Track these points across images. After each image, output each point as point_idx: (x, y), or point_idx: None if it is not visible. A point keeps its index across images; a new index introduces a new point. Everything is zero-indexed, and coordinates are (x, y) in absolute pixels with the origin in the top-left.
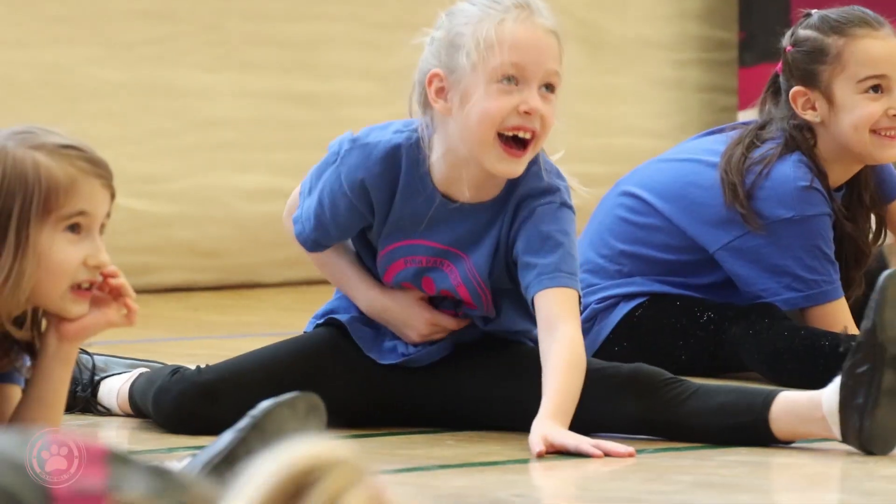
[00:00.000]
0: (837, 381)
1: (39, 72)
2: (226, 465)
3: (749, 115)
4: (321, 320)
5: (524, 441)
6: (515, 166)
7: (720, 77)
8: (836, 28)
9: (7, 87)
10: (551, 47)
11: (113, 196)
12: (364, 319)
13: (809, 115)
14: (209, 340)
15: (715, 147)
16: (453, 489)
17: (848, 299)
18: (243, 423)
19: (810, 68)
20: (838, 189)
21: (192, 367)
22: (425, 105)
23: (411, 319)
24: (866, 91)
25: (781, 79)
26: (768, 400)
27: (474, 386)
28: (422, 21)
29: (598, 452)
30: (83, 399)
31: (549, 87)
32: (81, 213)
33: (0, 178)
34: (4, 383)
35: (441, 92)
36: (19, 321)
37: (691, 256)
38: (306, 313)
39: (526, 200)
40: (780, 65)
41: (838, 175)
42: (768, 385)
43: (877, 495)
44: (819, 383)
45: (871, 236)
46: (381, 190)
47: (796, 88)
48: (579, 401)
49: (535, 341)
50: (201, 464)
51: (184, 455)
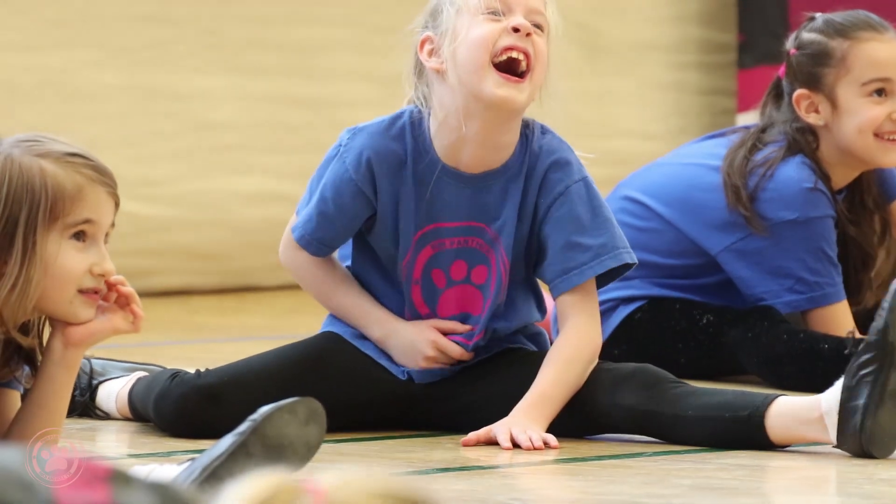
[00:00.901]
0: (839, 382)
1: (39, 75)
2: (225, 469)
3: (748, 117)
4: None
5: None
6: (516, 92)
7: (719, 79)
8: (841, 31)
9: (7, 91)
10: None
11: (117, 204)
12: None
13: (813, 119)
14: (208, 344)
15: (716, 151)
16: (452, 493)
17: (858, 303)
18: (243, 427)
19: (814, 71)
20: (840, 192)
21: (192, 370)
22: (420, 74)
23: (417, 343)
24: (870, 94)
25: (784, 82)
26: (767, 400)
27: (477, 392)
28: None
29: (507, 445)
30: (82, 403)
31: (537, 27)
32: (87, 222)
33: (6, 187)
34: (4, 388)
35: (433, 52)
36: (25, 329)
37: (692, 260)
38: (306, 316)
39: (550, 173)
40: (782, 68)
41: (840, 178)
42: (767, 388)
43: (877, 499)
44: (818, 387)
45: (875, 238)
46: (387, 166)
47: (800, 91)
48: (582, 394)
49: (532, 339)
50: (200, 467)
51: (183, 459)
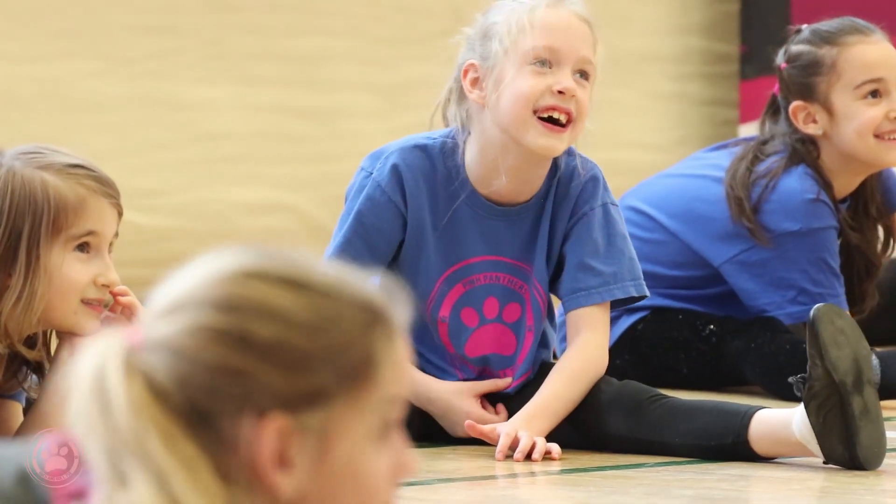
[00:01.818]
0: (802, 411)
1: (41, 86)
2: None
3: (751, 128)
4: None
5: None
6: (557, 142)
7: (721, 90)
8: (828, 39)
9: (8, 101)
10: (584, 33)
11: (121, 214)
12: None
13: (811, 129)
14: None
15: (720, 162)
16: (454, 503)
17: (861, 311)
18: None
19: (807, 82)
20: (843, 200)
21: None
22: (460, 100)
23: (452, 415)
24: (865, 97)
25: (780, 98)
26: (745, 421)
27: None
28: (423, 36)
29: (504, 450)
30: None
31: (583, 75)
32: (90, 234)
33: (9, 200)
34: (8, 399)
35: (476, 82)
36: (31, 342)
37: (696, 272)
38: None
39: (575, 195)
40: (776, 85)
41: (843, 185)
42: (769, 399)
43: None
44: None
45: (879, 247)
46: (417, 180)
47: (796, 103)
48: (580, 415)
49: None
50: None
51: None
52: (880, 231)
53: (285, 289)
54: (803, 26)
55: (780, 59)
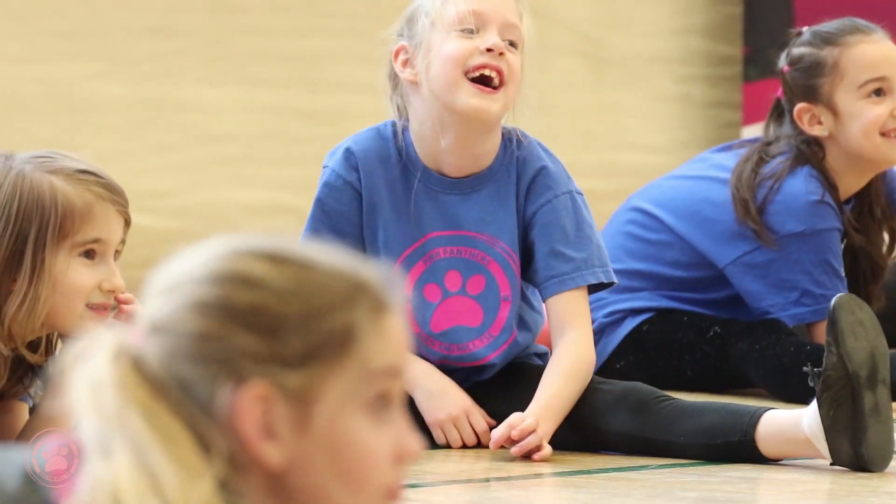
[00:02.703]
0: (815, 406)
1: (44, 87)
2: None
3: (754, 130)
4: None
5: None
6: (490, 102)
7: (724, 92)
8: (829, 39)
9: (12, 103)
10: (508, 2)
11: (128, 223)
12: None
13: (817, 130)
14: None
15: (726, 163)
16: None
17: None
18: None
19: (810, 83)
20: (847, 202)
21: None
22: (395, 84)
23: (445, 395)
24: (868, 96)
25: (783, 101)
26: (754, 420)
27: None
28: None
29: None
30: None
31: (512, 44)
32: (96, 241)
33: (17, 203)
34: (13, 400)
35: (406, 63)
36: (34, 346)
37: (701, 273)
38: None
39: (537, 179)
40: (780, 89)
41: (849, 186)
42: (772, 401)
43: None
44: None
45: (884, 249)
46: (371, 162)
47: (800, 105)
48: (577, 416)
49: (541, 357)
50: None
51: None
52: (885, 234)
53: (267, 261)
54: (804, 29)
55: (782, 63)
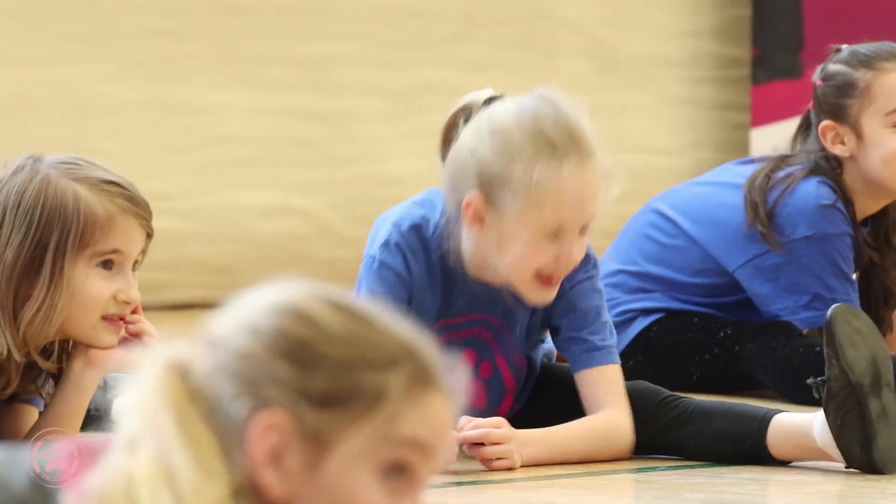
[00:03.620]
0: (822, 416)
1: (52, 89)
2: None
3: (762, 132)
4: None
5: None
6: (550, 294)
7: (733, 94)
8: (865, 62)
9: (20, 105)
10: (601, 192)
11: (150, 235)
12: None
13: (839, 150)
14: None
15: (746, 172)
16: None
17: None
18: None
19: (839, 102)
20: (864, 223)
21: None
22: (455, 203)
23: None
24: (894, 125)
25: (812, 114)
26: (763, 424)
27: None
28: (435, 40)
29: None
30: (97, 418)
31: (586, 227)
32: (115, 252)
33: (41, 208)
34: (23, 403)
35: (477, 219)
36: (47, 352)
37: (713, 280)
38: None
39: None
40: (811, 102)
41: (865, 207)
42: (782, 402)
43: None
44: None
45: None
46: (414, 255)
47: (825, 123)
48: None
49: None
50: None
51: None
52: None
53: (330, 306)
54: (843, 46)
55: (816, 77)
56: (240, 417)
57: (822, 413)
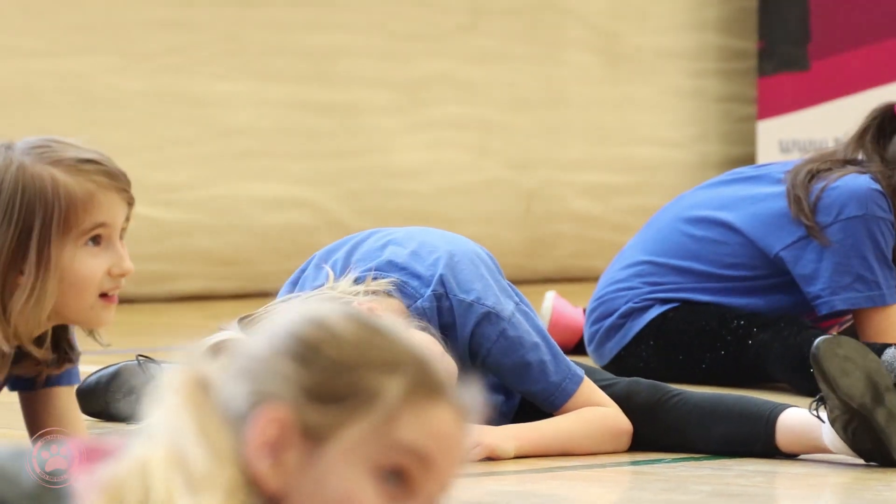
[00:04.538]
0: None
1: (59, 81)
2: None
3: (768, 124)
4: None
5: None
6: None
7: (739, 86)
8: None
9: (27, 96)
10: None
11: (131, 204)
12: None
13: None
14: None
15: (785, 168)
16: (470, 498)
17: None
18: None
19: None
20: None
21: None
22: None
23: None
24: None
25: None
26: (770, 426)
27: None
28: (441, 31)
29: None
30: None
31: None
32: (101, 225)
33: (19, 197)
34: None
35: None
36: (39, 340)
37: (743, 273)
38: None
39: (472, 341)
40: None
41: None
42: (790, 395)
43: None
44: None
45: None
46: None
47: None
48: None
49: None
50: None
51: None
52: None
53: (347, 318)
54: None
55: None
56: (245, 411)
57: (828, 427)
